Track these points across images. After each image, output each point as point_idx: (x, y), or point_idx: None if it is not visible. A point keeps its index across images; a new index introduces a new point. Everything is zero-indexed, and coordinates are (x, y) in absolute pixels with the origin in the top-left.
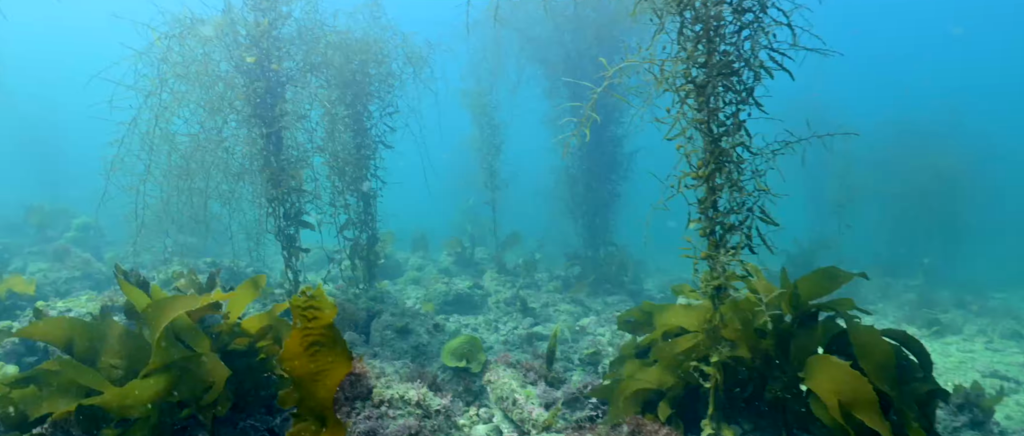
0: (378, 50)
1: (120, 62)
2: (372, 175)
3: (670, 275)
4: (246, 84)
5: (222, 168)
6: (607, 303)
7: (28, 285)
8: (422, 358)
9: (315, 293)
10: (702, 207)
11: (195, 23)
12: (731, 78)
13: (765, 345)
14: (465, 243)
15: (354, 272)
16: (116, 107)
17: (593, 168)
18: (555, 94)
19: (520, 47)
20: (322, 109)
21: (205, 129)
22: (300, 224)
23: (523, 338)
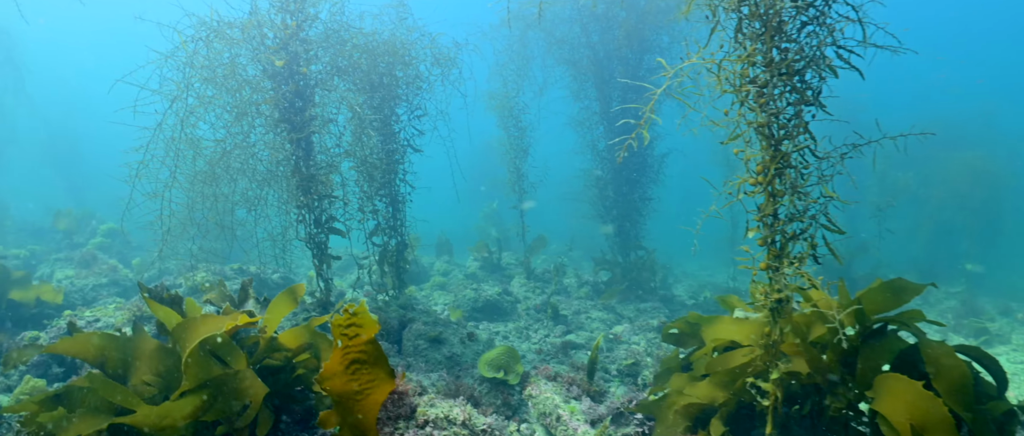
0: (405, 52)
1: (145, 66)
2: (401, 179)
3: (696, 279)
4: (274, 88)
5: (248, 174)
6: (640, 310)
7: (56, 294)
8: (456, 369)
9: (358, 310)
10: (761, 215)
11: (222, 26)
12: (794, 78)
13: (826, 361)
14: (491, 247)
15: (383, 279)
16: (141, 111)
17: (623, 171)
18: (583, 96)
19: (547, 48)
20: (349, 113)
21: (231, 134)
22: (331, 231)
23: (558, 347)
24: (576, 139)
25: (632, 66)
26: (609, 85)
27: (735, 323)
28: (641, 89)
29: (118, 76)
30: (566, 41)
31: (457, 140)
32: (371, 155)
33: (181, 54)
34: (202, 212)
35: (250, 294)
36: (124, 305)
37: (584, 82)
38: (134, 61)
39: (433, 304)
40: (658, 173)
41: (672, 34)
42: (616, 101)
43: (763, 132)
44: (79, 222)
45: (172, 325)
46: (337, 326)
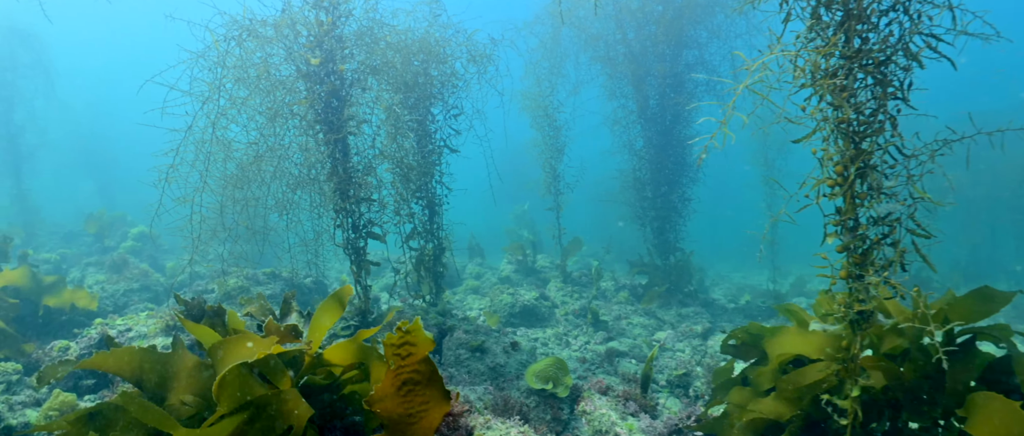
0: (440, 49)
1: (176, 66)
2: (437, 181)
3: (731, 281)
4: (308, 88)
5: (281, 177)
6: (681, 315)
7: (91, 300)
8: (500, 380)
9: (411, 327)
10: (841, 219)
11: (255, 24)
12: (878, 69)
13: (906, 375)
14: (527, 250)
15: (419, 284)
16: (170, 113)
17: (662, 171)
18: (619, 94)
19: (581, 46)
20: (383, 113)
21: (264, 136)
22: (369, 236)
23: (602, 356)
24: (611, 139)
25: (669, 62)
26: (645, 83)
27: (801, 335)
28: (680, 86)
29: (148, 78)
30: (601, 38)
31: (491, 140)
32: (407, 156)
33: (212, 54)
34: (233, 216)
35: (293, 308)
36: (156, 312)
37: (620, 80)
38: (164, 62)
39: (467, 309)
40: (697, 173)
41: (710, 28)
42: (654, 99)
43: (843, 129)
44: (110, 225)
45: (209, 344)
46: (389, 345)
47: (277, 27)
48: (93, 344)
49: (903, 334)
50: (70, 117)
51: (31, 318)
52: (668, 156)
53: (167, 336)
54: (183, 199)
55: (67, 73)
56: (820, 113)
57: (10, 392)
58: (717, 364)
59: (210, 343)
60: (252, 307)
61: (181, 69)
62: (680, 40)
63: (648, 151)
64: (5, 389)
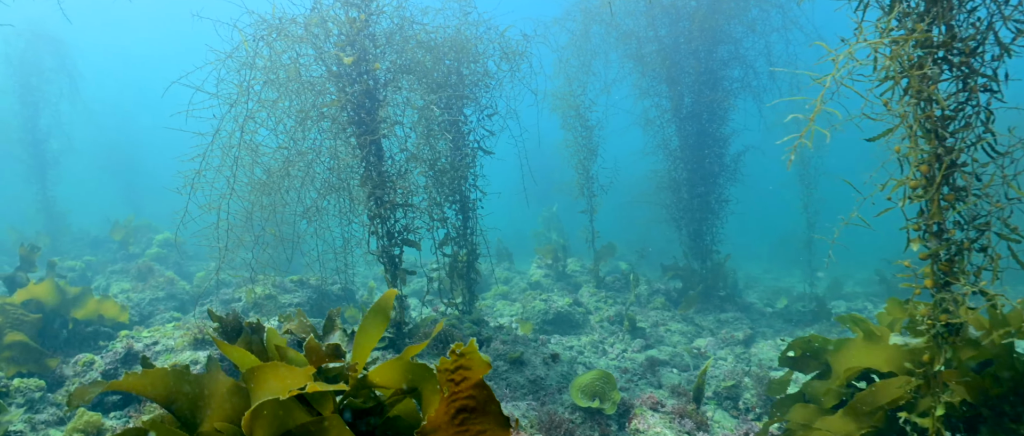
0: (471, 47)
1: (202, 67)
2: (471, 184)
3: (764, 284)
4: (340, 89)
5: (311, 182)
6: (720, 321)
7: (121, 312)
8: (541, 393)
9: (465, 350)
10: (925, 223)
11: (284, 23)
12: (969, 59)
13: (993, 390)
14: (558, 253)
15: (452, 292)
16: (197, 116)
17: (698, 171)
18: (653, 92)
19: (611, 43)
20: (415, 114)
21: (294, 140)
22: (405, 243)
23: (643, 366)
24: (643, 138)
25: (704, 59)
26: (679, 80)
27: (872, 347)
28: (715, 83)
29: (175, 80)
30: (632, 35)
31: (522, 140)
32: (440, 159)
33: (240, 54)
34: (261, 222)
35: (336, 325)
36: (182, 322)
37: (653, 78)
38: (190, 65)
39: (498, 315)
40: (735, 172)
41: (746, 23)
42: (689, 96)
43: (927, 125)
44: (135, 232)
45: (245, 368)
46: (443, 370)
47: (307, 26)
48: (119, 359)
49: (980, 345)
50: (95, 121)
51: (55, 331)
52: (704, 155)
53: (195, 350)
54: (210, 206)
55: (91, 77)
56: (903, 107)
57: (33, 410)
58: (766, 374)
59: (246, 368)
60: (292, 324)
61: (207, 71)
62: (714, 36)
63: (683, 151)
64: (28, 407)
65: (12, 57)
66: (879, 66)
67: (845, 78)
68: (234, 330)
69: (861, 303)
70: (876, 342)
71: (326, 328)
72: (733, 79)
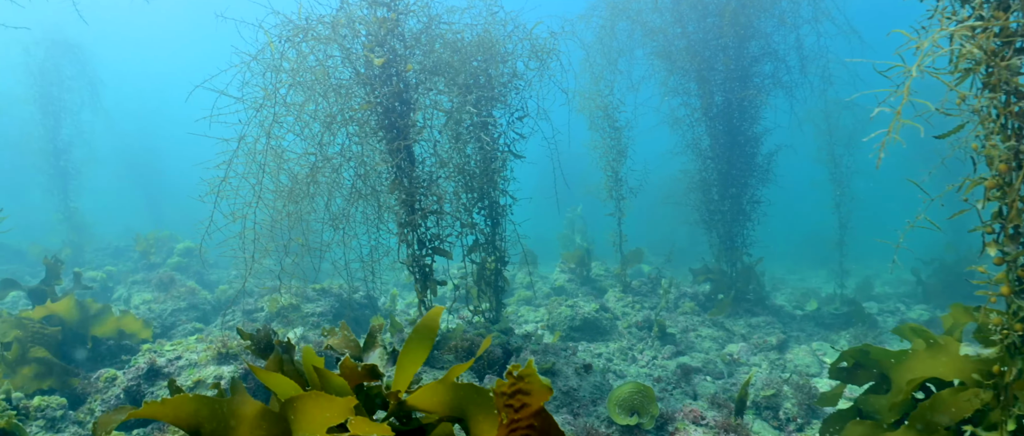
0: (500, 47)
1: (227, 70)
2: (501, 189)
3: (790, 285)
4: (370, 91)
5: (337, 189)
6: (751, 326)
7: (143, 328)
8: (574, 405)
9: (524, 373)
10: (1002, 226)
11: (311, 23)
12: None
13: None
14: (583, 257)
15: (479, 299)
16: (221, 121)
17: (729, 172)
18: (681, 90)
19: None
20: (442, 118)
21: (321, 146)
22: (436, 252)
23: (676, 374)
24: (671, 138)
25: (734, 55)
26: (709, 78)
27: (936, 358)
28: (746, 79)
29: (199, 83)
30: (660, 31)
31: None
32: (468, 163)
33: (265, 56)
34: (286, 231)
35: (377, 342)
36: (205, 334)
37: (681, 75)
38: (212, 70)
39: (523, 322)
40: (767, 173)
41: (776, 15)
42: (718, 94)
43: (999, 121)
44: (156, 242)
45: (285, 396)
46: (500, 394)
47: (334, 26)
48: (141, 374)
49: None
50: (116, 130)
51: (76, 346)
52: (735, 155)
53: (219, 365)
54: (235, 214)
55: (112, 85)
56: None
57: (54, 429)
58: (806, 382)
59: (285, 396)
60: (335, 339)
61: (231, 75)
62: (744, 31)
63: (714, 150)
64: (48, 426)
65: (32, 66)
66: (955, 57)
67: (911, 71)
68: (266, 347)
69: (893, 304)
70: (940, 352)
71: (367, 344)
72: (764, 75)
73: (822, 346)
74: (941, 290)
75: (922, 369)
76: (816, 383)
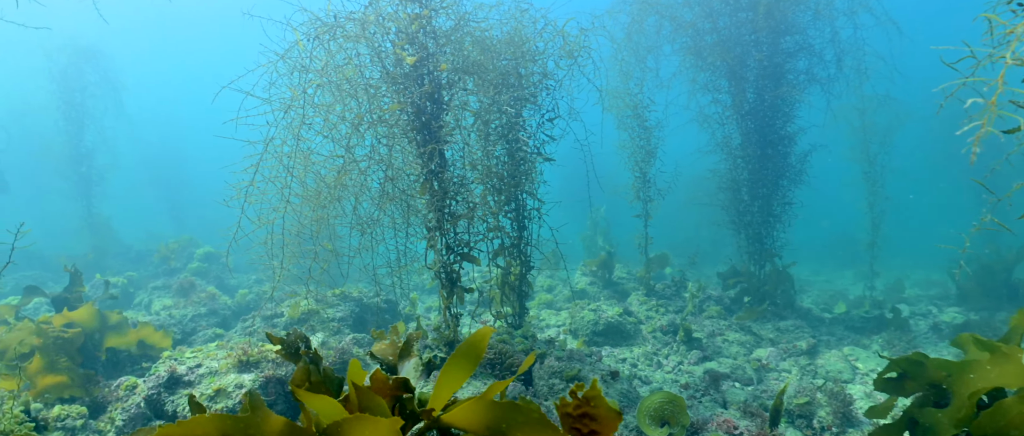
0: (531, 45)
1: (253, 70)
2: (528, 192)
3: (816, 287)
4: (401, 90)
5: (364, 193)
6: (780, 330)
7: (164, 338)
8: None
9: (590, 394)
10: None
11: (339, 21)
12: None
13: None
14: (605, 260)
15: (502, 304)
16: (247, 123)
17: (762, 172)
18: (712, 87)
19: (665, 36)
20: (471, 118)
21: (349, 148)
22: (464, 258)
23: (704, 380)
24: (699, 137)
25: (767, 51)
26: (741, 74)
27: (1001, 368)
28: (779, 76)
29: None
30: (690, 26)
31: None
32: (496, 165)
33: (293, 56)
34: (311, 235)
35: (412, 351)
36: (225, 340)
37: (712, 72)
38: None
39: (545, 326)
40: (800, 174)
41: (813, 9)
42: (751, 92)
43: None
44: (177, 248)
45: (328, 418)
46: (565, 416)
47: (363, 23)
48: (161, 383)
49: None
50: (139, 135)
51: (97, 353)
52: (767, 155)
53: (240, 373)
54: (262, 219)
55: (134, 90)
56: None
57: None
58: (840, 390)
59: (328, 419)
60: (381, 344)
61: (256, 76)
62: (779, 26)
63: (745, 149)
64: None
65: (54, 72)
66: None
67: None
68: (296, 352)
69: (924, 307)
70: (1006, 361)
71: (403, 352)
72: (798, 71)
73: (854, 351)
74: (977, 292)
75: (987, 379)
76: (850, 390)
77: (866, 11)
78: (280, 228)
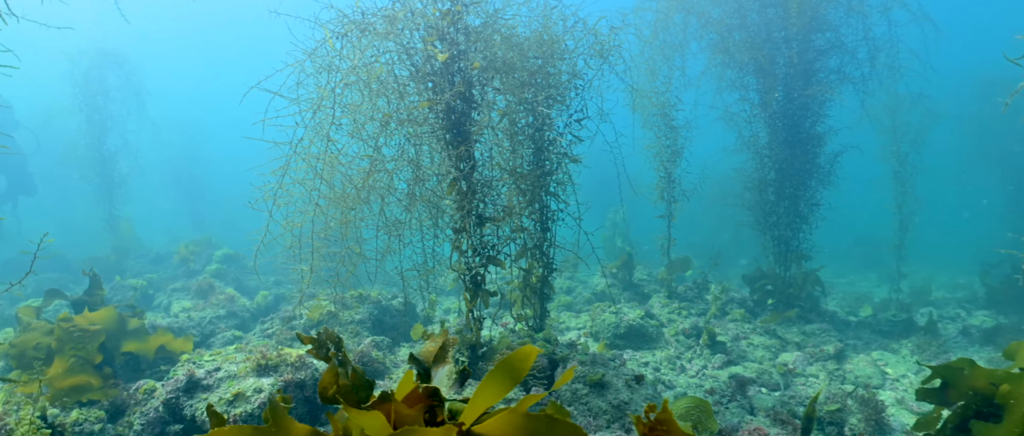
0: (559, 44)
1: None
2: (552, 193)
3: (839, 289)
4: (428, 89)
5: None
6: (805, 333)
7: (185, 343)
8: (626, 420)
9: (663, 418)
10: None
11: (368, 17)
12: None
13: None
14: (627, 261)
15: (522, 306)
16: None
17: (788, 172)
18: (739, 85)
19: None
20: (497, 117)
21: (376, 148)
22: (490, 261)
23: (730, 385)
24: (725, 135)
25: (798, 48)
26: (770, 72)
27: None
28: (810, 75)
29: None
30: (718, 23)
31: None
32: (522, 166)
33: (322, 53)
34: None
35: (447, 358)
36: (244, 342)
37: (740, 69)
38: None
39: (564, 328)
40: (829, 175)
41: (847, 6)
42: (780, 89)
43: None
44: (196, 249)
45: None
46: (644, 433)
47: (391, 20)
48: (180, 387)
49: None
50: (159, 138)
51: (116, 356)
52: (795, 154)
53: (259, 377)
54: (289, 222)
55: (156, 94)
56: None
57: None
58: (871, 397)
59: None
60: (428, 345)
61: (283, 76)
62: (812, 22)
63: (772, 149)
64: None
65: (77, 76)
66: None
67: None
68: (326, 353)
69: (952, 310)
70: None
71: (436, 359)
72: (829, 70)
73: (883, 356)
74: (1006, 295)
75: None
76: (881, 396)
77: (901, 6)
78: (309, 230)
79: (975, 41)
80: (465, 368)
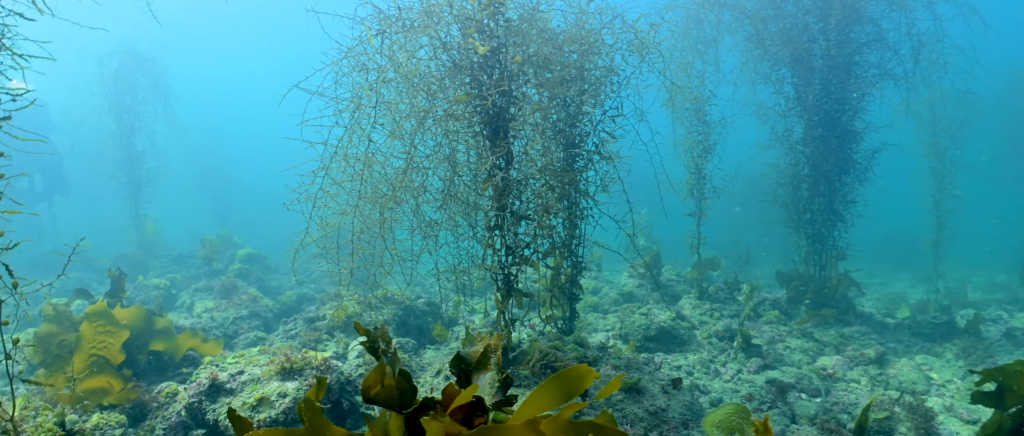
0: (598, 39)
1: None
2: (582, 191)
3: (872, 290)
4: (466, 83)
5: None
6: (843, 336)
7: (216, 347)
8: (664, 427)
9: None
10: None
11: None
12: None
13: None
14: (655, 260)
15: (551, 307)
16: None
17: (822, 169)
18: (774, 78)
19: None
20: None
21: (414, 145)
22: (523, 261)
23: (769, 391)
24: (757, 130)
25: (837, 40)
26: (806, 65)
27: None
28: (848, 69)
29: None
30: (753, 15)
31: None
32: (553, 163)
33: (359, 50)
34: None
35: (489, 364)
36: (268, 343)
37: (774, 63)
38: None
39: (592, 330)
40: (866, 172)
41: None
42: (818, 84)
43: None
44: (218, 248)
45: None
46: None
47: (428, 13)
48: (203, 390)
49: None
50: (186, 139)
51: (139, 357)
52: (831, 150)
53: (283, 381)
54: (326, 224)
55: (184, 95)
56: None
57: None
58: (920, 404)
59: None
60: (479, 345)
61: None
62: (851, 15)
63: (806, 145)
64: None
65: (106, 77)
66: None
67: None
68: (374, 350)
69: (994, 312)
70: None
71: (478, 364)
72: (869, 65)
73: (927, 360)
74: None
75: None
76: (928, 403)
77: (946, 1)
78: (346, 232)
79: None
80: (507, 376)
